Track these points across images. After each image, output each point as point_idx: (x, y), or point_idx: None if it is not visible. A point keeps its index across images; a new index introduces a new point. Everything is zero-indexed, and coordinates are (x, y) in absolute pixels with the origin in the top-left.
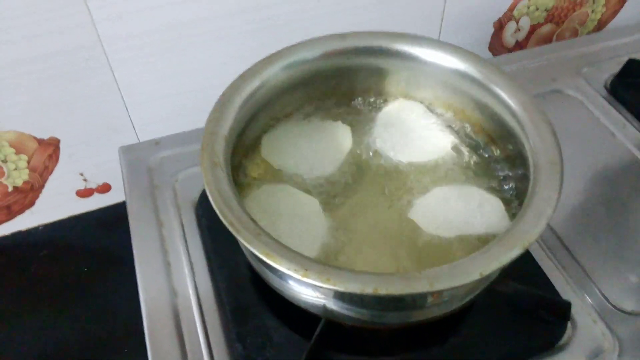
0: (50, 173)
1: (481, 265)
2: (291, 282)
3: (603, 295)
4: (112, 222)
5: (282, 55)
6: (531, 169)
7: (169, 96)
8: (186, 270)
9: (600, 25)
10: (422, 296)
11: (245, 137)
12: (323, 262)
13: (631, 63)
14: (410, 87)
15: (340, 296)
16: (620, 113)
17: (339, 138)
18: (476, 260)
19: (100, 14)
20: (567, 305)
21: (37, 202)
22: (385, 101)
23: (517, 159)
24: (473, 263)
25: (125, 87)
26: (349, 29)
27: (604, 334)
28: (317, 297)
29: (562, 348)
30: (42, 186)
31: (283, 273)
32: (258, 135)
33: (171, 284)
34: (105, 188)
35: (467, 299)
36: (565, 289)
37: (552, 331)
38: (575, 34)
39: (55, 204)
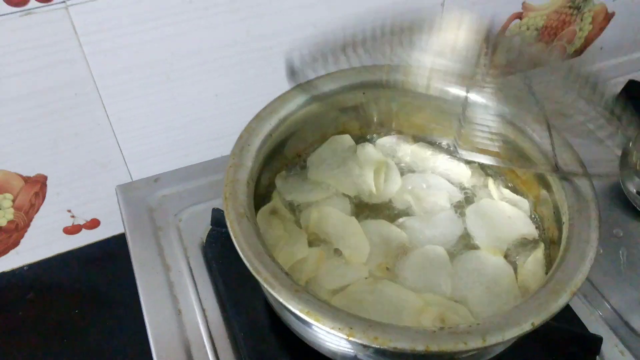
0: (37, 211)
1: (532, 315)
2: (320, 332)
3: (627, 325)
4: (102, 258)
5: (298, 92)
6: (565, 209)
7: (161, 130)
8: (199, 318)
9: (587, 42)
10: None
11: (263, 178)
12: (366, 319)
13: (631, 84)
14: (428, 120)
15: (377, 349)
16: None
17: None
18: (526, 310)
19: (92, 48)
20: (598, 341)
21: (22, 241)
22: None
23: (543, 196)
24: (523, 313)
25: (117, 122)
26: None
27: None
28: (349, 348)
29: None
30: (27, 225)
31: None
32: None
33: (184, 333)
34: (93, 224)
35: (509, 345)
36: (589, 320)
37: None
38: (563, 52)
39: (41, 243)
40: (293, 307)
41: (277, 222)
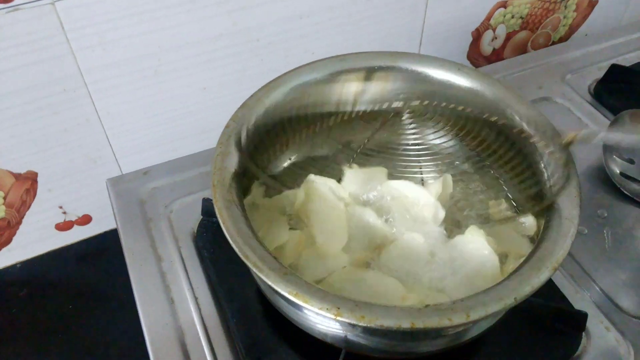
0: (28, 208)
1: (514, 290)
2: (310, 314)
3: (612, 301)
4: (94, 254)
5: (283, 81)
6: (547, 186)
7: (150, 124)
8: (191, 306)
9: (572, 30)
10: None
11: (252, 166)
12: (353, 300)
13: (614, 68)
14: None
15: (364, 328)
16: (606, 117)
17: None
18: (508, 285)
19: (80, 43)
20: (583, 317)
21: (14, 238)
22: None
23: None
24: (506, 289)
25: (106, 117)
26: (331, 48)
27: (617, 341)
28: (338, 329)
29: (578, 358)
30: (19, 222)
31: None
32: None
33: (177, 322)
34: (85, 220)
35: (494, 322)
36: (575, 297)
37: (568, 342)
38: (548, 39)
39: (34, 240)
40: (282, 289)
41: (257, 214)
